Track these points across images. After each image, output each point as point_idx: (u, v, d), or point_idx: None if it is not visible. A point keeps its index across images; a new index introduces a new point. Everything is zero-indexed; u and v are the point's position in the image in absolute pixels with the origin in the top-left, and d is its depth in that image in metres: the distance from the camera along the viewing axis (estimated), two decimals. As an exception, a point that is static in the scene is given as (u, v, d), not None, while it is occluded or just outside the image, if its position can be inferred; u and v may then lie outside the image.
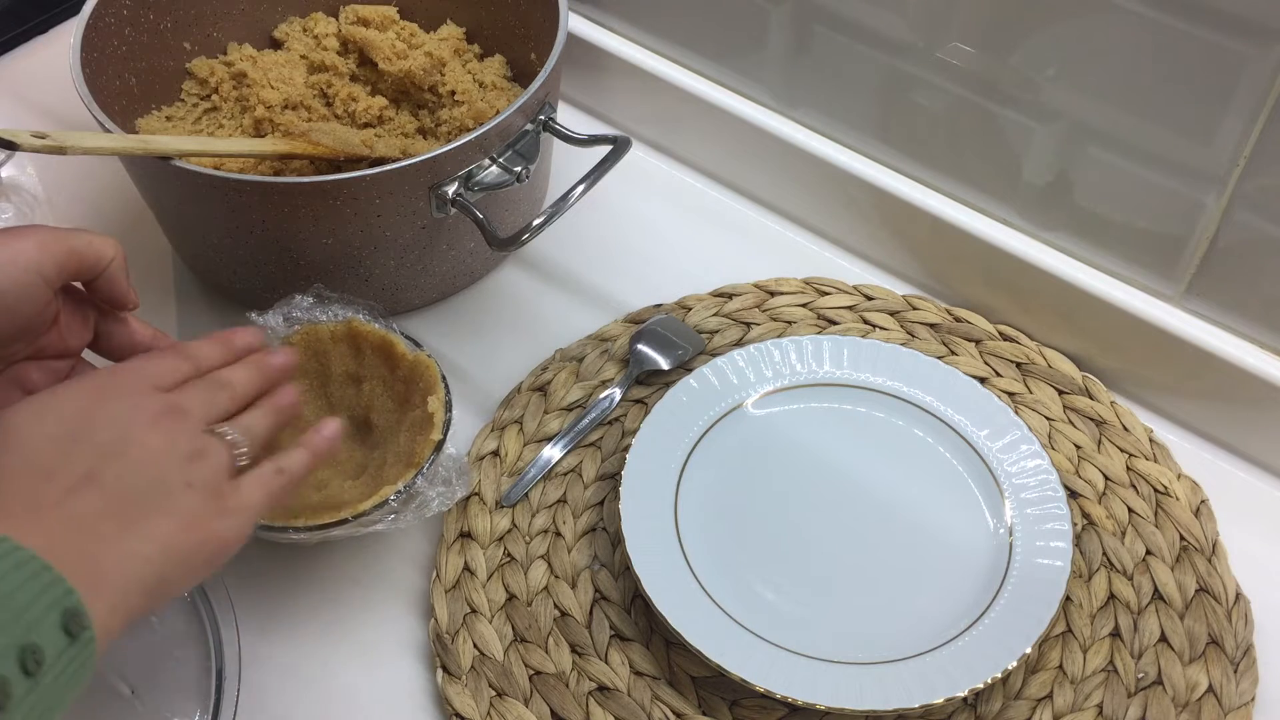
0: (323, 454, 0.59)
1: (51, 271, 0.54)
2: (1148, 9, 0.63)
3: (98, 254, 0.56)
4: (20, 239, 0.54)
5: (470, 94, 0.83)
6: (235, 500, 0.52)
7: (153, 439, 0.50)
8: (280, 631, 0.66)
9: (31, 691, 0.41)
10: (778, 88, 0.84)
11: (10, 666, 0.40)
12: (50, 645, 0.42)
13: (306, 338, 0.70)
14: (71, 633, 0.42)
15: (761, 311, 0.80)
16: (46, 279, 0.54)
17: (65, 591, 0.43)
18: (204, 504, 0.50)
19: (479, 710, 0.63)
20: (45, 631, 0.42)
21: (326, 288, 0.71)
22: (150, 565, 0.47)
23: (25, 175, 0.90)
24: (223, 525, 0.51)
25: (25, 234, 0.54)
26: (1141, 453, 0.72)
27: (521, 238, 0.70)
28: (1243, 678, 0.63)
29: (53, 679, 0.42)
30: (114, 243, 0.57)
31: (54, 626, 0.42)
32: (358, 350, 0.70)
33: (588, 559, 0.69)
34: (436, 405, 0.66)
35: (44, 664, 0.41)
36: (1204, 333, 0.71)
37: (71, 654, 0.42)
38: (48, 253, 0.54)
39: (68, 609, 0.43)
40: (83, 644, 0.43)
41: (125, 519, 0.47)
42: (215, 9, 0.87)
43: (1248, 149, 0.64)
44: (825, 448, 0.72)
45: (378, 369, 0.70)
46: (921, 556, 0.67)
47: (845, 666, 0.62)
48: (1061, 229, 0.75)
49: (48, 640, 0.42)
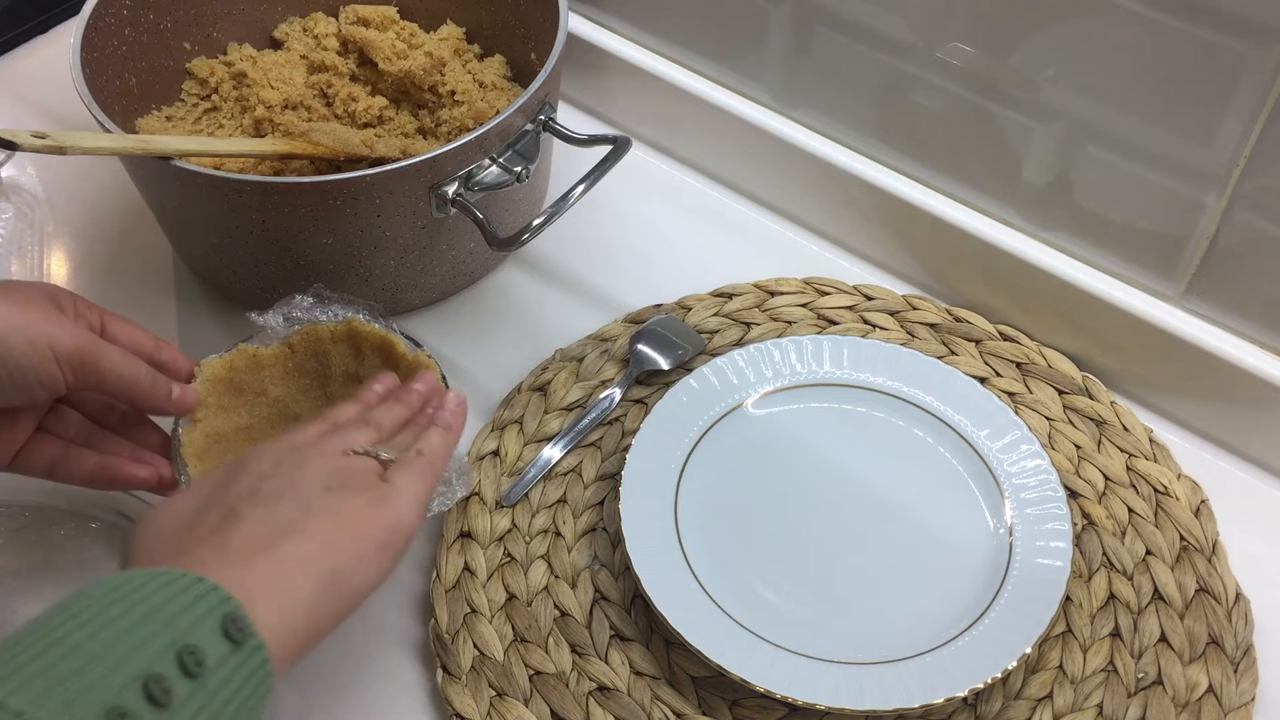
0: (454, 427, 0.59)
1: (70, 376, 0.55)
2: (1148, 9, 0.63)
3: (123, 389, 0.57)
4: (61, 331, 0.54)
5: (470, 94, 0.83)
6: (384, 489, 0.52)
7: (283, 470, 0.51)
8: (280, 631, 0.66)
9: (196, 693, 0.40)
10: (778, 88, 0.84)
11: (168, 665, 0.40)
12: (211, 649, 0.41)
13: (306, 338, 0.70)
14: (233, 638, 0.42)
15: (761, 311, 0.80)
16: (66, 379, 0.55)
17: (221, 599, 0.42)
18: (354, 496, 0.50)
19: (479, 710, 0.63)
20: (203, 635, 0.41)
21: (327, 287, 0.71)
22: (313, 560, 0.47)
23: (25, 175, 0.90)
24: (381, 511, 0.51)
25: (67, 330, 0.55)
26: (1141, 453, 0.72)
27: (521, 238, 0.70)
28: (1243, 678, 0.63)
29: (219, 684, 0.41)
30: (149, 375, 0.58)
31: (213, 630, 0.41)
32: (358, 350, 0.70)
33: (588, 559, 0.69)
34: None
35: (206, 666, 0.41)
36: (1204, 333, 0.71)
37: (238, 661, 0.42)
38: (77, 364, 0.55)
39: (226, 614, 0.42)
40: (249, 651, 0.42)
41: (273, 534, 0.47)
42: (215, 9, 0.87)
43: (1248, 149, 0.64)
44: (825, 448, 0.72)
45: (378, 369, 0.70)
46: (921, 556, 0.67)
47: (845, 666, 0.62)
48: (1061, 229, 0.75)
49: (207, 642, 0.41)
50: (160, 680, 0.39)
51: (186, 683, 0.40)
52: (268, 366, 0.69)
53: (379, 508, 0.51)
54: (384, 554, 0.50)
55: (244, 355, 0.68)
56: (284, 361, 0.69)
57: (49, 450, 0.58)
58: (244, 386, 0.69)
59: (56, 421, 0.59)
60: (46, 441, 0.58)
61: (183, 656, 0.40)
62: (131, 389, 0.58)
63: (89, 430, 0.62)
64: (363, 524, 0.50)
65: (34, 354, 0.53)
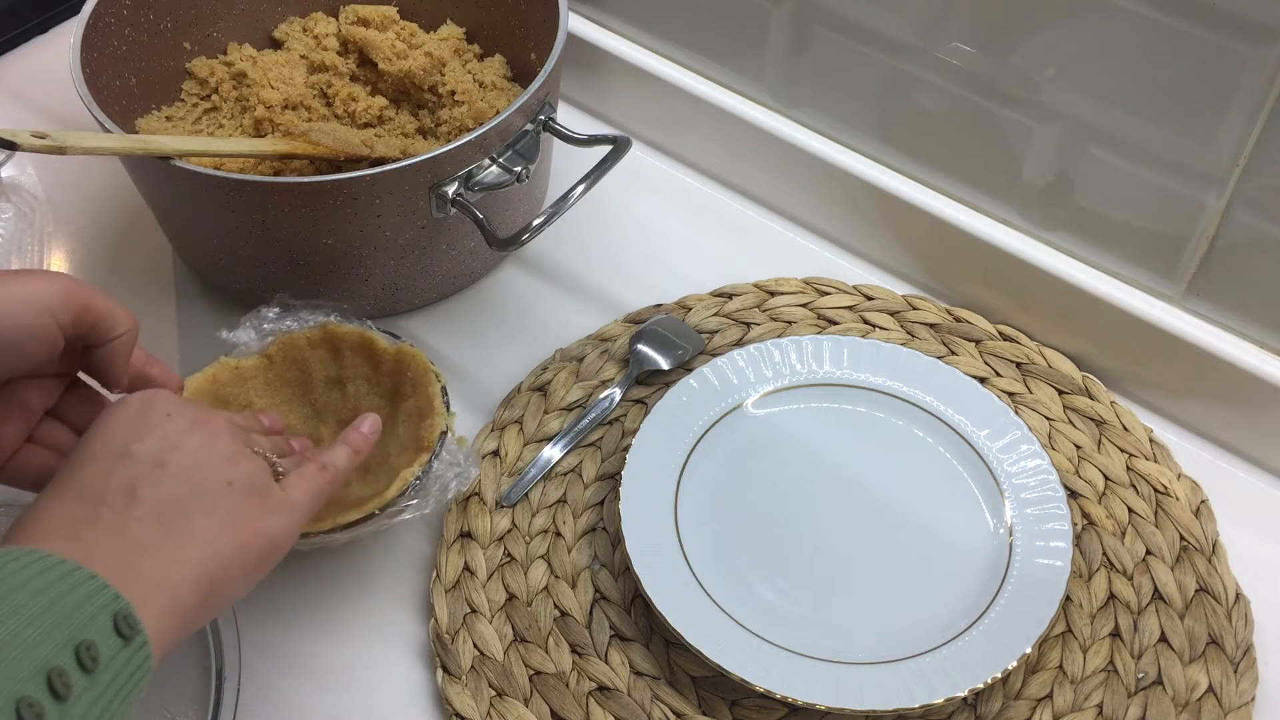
0: (363, 449, 0.60)
1: (67, 320, 0.53)
2: (1148, 9, 0.63)
3: (114, 321, 0.55)
4: (47, 282, 0.53)
5: (470, 94, 0.83)
6: (280, 498, 0.53)
7: (192, 442, 0.51)
8: (280, 631, 0.66)
9: (89, 688, 0.41)
10: (778, 88, 0.84)
11: (67, 658, 0.40)
12: (105, 644, 0.42)
13: (284, 347, 0.70)
14: (124, 634, 0.42)
15: (761, 311, 0.80)
16: (62, 326, 0.53)
17: (113, 596, 0.43)
18: (246, 502, 0.51)
19: (479, 710, 0.63)
20: (97, 630, 0.42)
21: (291, 295, 0.71)
22: (198, 567, 0.48)
23: (25, 175, 0.90)
24: (270, 522, 0.51)
25: (50, 279, 0.53)
26: (1141, 453, 0.72)
27: (521, 238, 0.70)
28: (1243, 678, 0.63)
29: (110, 679, 0.42)
30: (132, 318, 0.57)
31: (106, 627, 0.42)
32: (337, 352, 0.70)
33: (588, 559, 0.69)
34: (435, 390, 0.66)
35: (100, 662, 0.41)
36: (1204, 333, 0.71)
37: (126, 656, 0.42)
38: (68, 302, 0.53)
39: (118, 611, 0.43)
40: (136, 647, 0.43)
41: (166, 525, 0.48)
42: (215, 9, 0.87)
43: (1248, 149, 0.64)
44: (825, 448, 0.72)
45: (360, 368, 0.70)
46: (921, 556, 0.67)
47: (845, 666, 0.62)
48: (1062, 229, 0.75)
49: (101, 639, 0.42)
50: (61, 674, 0.40)
51: (83, 676, 0.41)
52: (250, 379, 0.69)
53: (269, 518, 0.51)
54: (261, 567, 0.51)
55: (226, 368, 0.69)
56: (264, 373, 0.70)
57: (39, 460, 0.57)
58: (229, 399, 0.69)
59: (48, 433, 0.59)
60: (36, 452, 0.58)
61: (80, 651, 0.41)
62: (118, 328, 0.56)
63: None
64: (250, 533, 0.50)
65: (21, 309, 0.52)
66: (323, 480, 0.56)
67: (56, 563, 0.43)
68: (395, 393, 0.69)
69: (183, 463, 0.50)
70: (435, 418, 0.65)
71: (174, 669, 0.62)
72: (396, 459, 0.66)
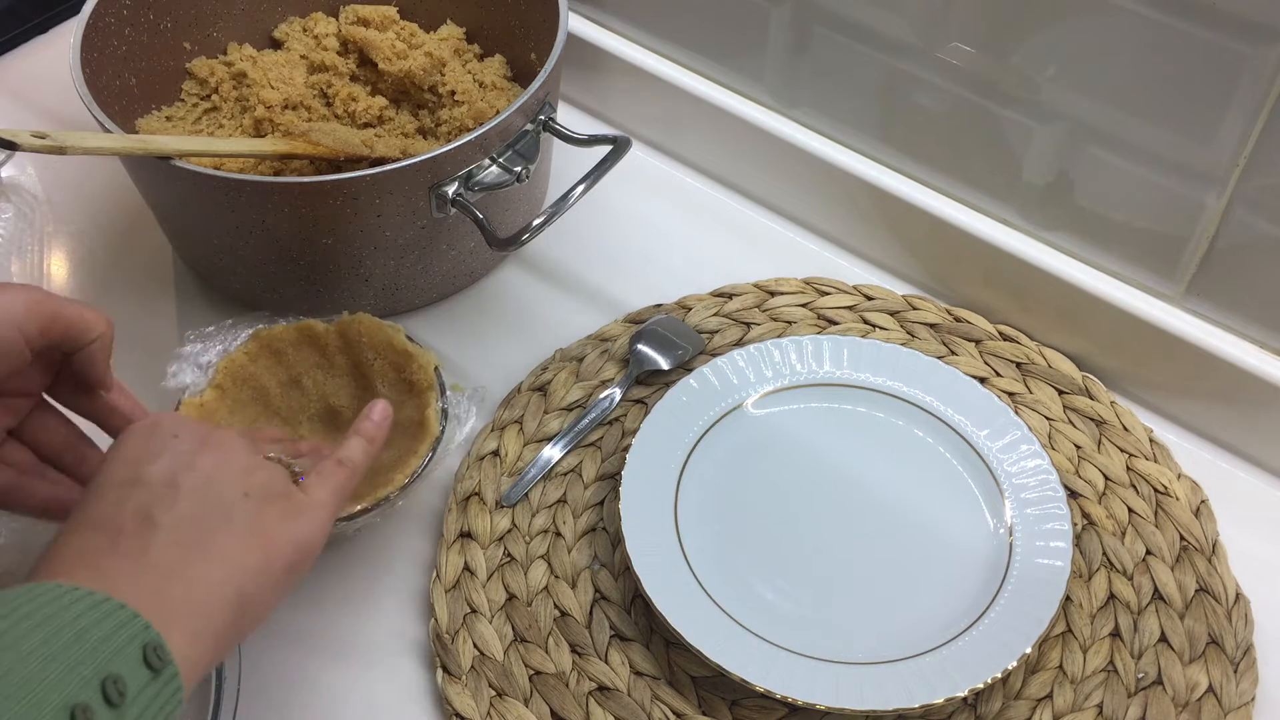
0: (377, 438, 0.59)
1: (34, 332, 0.52)
2: (1148, 9, 0.63)
3: (86, 326, 0.54)
4: (11, 294, 0.52)
5: (470, 94, 0.83)
6: (301, 501, 0.51)
7: (203, 460, 0.50)
8: (280, 631, 0.66)
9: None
10: (778, 88, 0.84)
11: (93, 695, 0.39)
12: (133, 678, 0.41)
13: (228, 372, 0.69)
14: (153, 666, 0.42)
15: (761, 311, 0.80)
16: (28, 338, 0.52)
17: (143, 627, 0.42)
18: (266, 510, 0.50)
19: (479, 710, 0.63)
20: (126, 663, 0.41)
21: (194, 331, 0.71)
22: (225, 585, 0.47)
23: (25, 175, 0.90)
24: (294, 528, 0.50)
25: (15, 291, 0.53)
26: (1141, 453, 0.72)
27: (521, 238, 0.70)
28: (1243, 678, 0.63)
29: (138, 713, 0.41)
30: (105, 319, 0.56)
31: (135, 659, 0.41)
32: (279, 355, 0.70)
33: (588, 559, 0.68)
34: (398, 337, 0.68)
35: (128, 696, 0.40)
36: (1204, 333, 0.71)
37: (155, 689, 0.42)
38: (34, 314, 0.52)
39: (147, 642, 0.42)
40: (166, 679, 0.42)
41: (187, 546, 0.47)
42: (215, 9, 0.87)
43: (1248, 149, 0.64)
44: (825, 448, 0.72)
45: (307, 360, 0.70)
46: (921, 556, 0.67)
47: (845, 666, 0.62)
48: (1062, 229, 0.75)
49: (129, 672, 0.41)
50: (86, 711, 0.39)
51: (109, 713, 0.40)
52: (215, 412, 0.69)
53: (293, 523, 0.50)
54: (291, 575, 0.50)
55: (192, 408, 0.68)
56: (224, 402, 0.69)
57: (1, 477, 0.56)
58: None
59: (10, 453, 0.58)
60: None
61: (106, 686, 0.40)
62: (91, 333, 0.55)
63: (42, 468, 0.59)
64: (275, 542, 0.49)
65: None
66: (342, 476, 0.55)
67: (84, 595, 0.42)
68: (356, 366, 0.69)
69: (196, 481, 0.49)
70: (416, 362, 0.66)
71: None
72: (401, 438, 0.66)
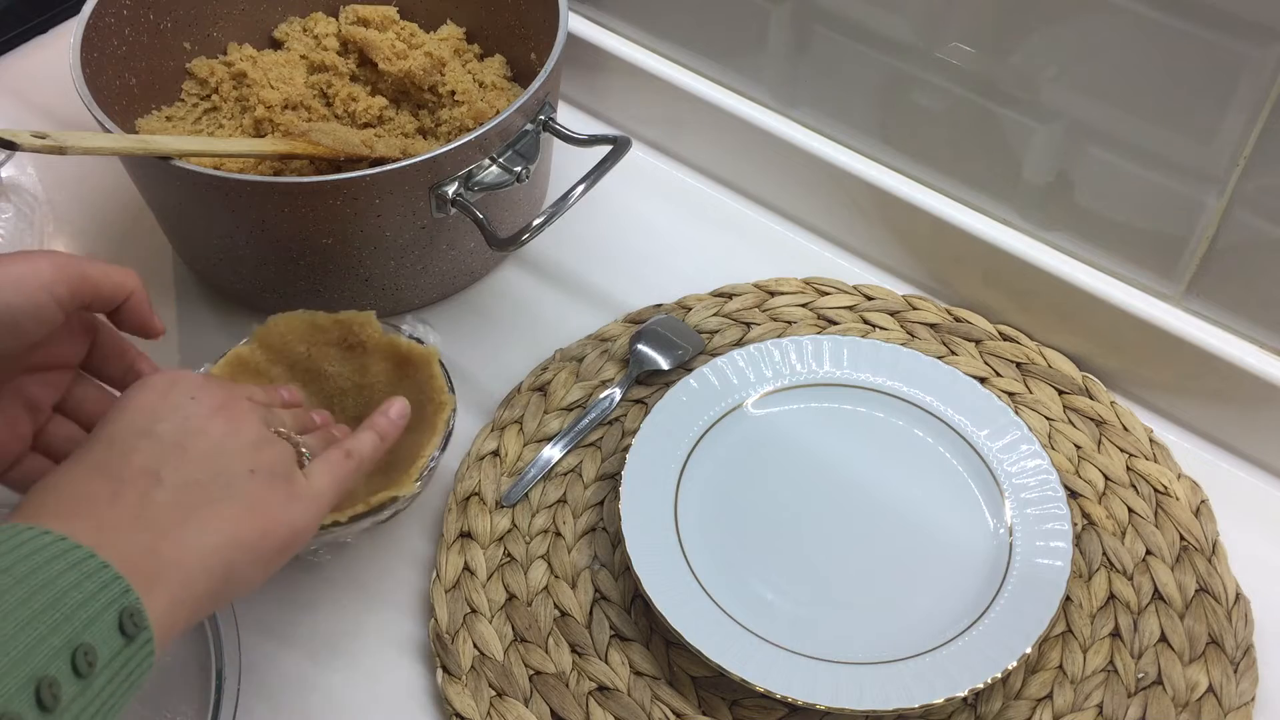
0: (390, 436, 0.59)
1: (64, 294, 0.53)
2: (1148, 9, 0.63)
3: (115, 285, 0.55)
4: (36, 259, 0.53)
5: (470, 94, 0.83)
6: (303, 486, 0.52)
7: (215, 427, 0.50)
8: (280, 631, 0.66)
9: (82, 694, 0.40)
10: (778, 88, 0.84)
11: (61, 666, 0.40)
12: (105, 645, 0.41)
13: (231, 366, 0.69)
14: (127, 633, 0.42)
15: (761, 311, 0.80)
16: (59, 301, 0.53)
17: (123, 590, 0.42)
18: (269, 490, 0.50)
19: (479, 710, 0.63)
20: (99, 631, 0.41)
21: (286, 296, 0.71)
22: (216, 554, 0.47)
23: (25, 175, 0.90)
24: (291, 511, 0.51)
25: (42, 255, 0.53)
26: (1141, 453, 0.72)
27: (521, 238, 0.70)
28: (1243, 678, 0.63)
29: (106, 680, 0.41)
30: (133, 275, 0.56)
31: (110, 626, 0.41)
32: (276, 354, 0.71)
33: (588, 559, 0.68)
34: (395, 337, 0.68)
35: (97, 665, 0.40)
36: (1204, 333, 0.71)
37: (128, 655, 0.42)
38: (63, 275, 0.53)
39: (125, 608, 0.42)
40: (139, 644, 0.42)
41: (187, 509, 0.47)
42: (215, 9, 0.87)
43: (1248, 149, 0.64)
44: (825, 448, 0.72)
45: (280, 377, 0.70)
46: (921, 556, 0.67)
47: (845, 666, 0.62)
48: (1061, 229, 0.75)
49: (102, 640, 0.41)
50: (52, 684, 0.39)
51: (75, 683, 0.40)
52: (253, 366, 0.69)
53: (291, 506, 0.51)
54: (280, 556, 0.50)
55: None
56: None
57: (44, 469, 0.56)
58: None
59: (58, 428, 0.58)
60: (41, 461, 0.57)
61: (76, 656, 0.40)
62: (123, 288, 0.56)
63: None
64: (272, 522, 0.50)
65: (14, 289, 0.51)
66: (348, 468, 0.55)
67: (69, 548, 0.42)
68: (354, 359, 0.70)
69: (206, 448, 0.49)
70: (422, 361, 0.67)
71: (174, 669, 0.62)
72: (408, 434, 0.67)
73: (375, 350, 0.70)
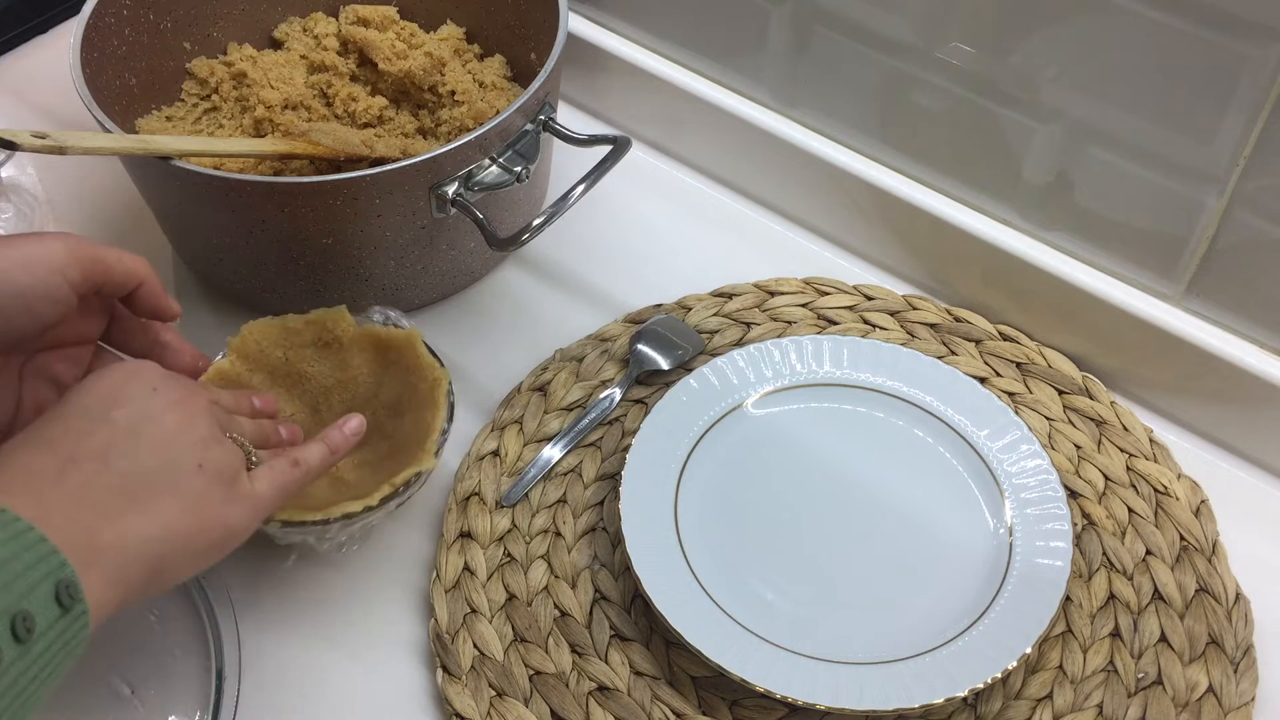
0: (341, 450, 0.60)
1: (77, 277, 0.54)
2: (1148, 9, 0.63)
3: (127, 272, 0.57)
4: (50, 241, 0.54)
5: (470, 94, 0.83)
6: (246, 489, 0.53)
7: (170, 419, 0.51)
8: (280, 631, 0.66)
9: (21, 658, 0.41)
10: (778, 88, 0.84)
11: (2, 630, 0.40)
12: (42, 614, 0.42)
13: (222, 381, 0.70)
14: (64, 604, 0.43)
15: (761, 311, 0.80)
16: (71, 283, 0.54)
17: (59, 564, 0.43)
18: (212, 488, 0.51)
19: (479, 710, 0.63)
20: (37, 600, 0.42)
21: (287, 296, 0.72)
22: (151, 544, 0.48)
23: (25, 175, 0.90)
24: (229, 512, 0.51)
25: (55, 237, 0.54)
26: (1141, 453, 0.72)
27: (521, 238, 0.70)
28: (1243, 678, 0.63)
29: (44, 648, 0.42)
30: (144, 263, 0.58)
31: (46, 596, 0.42)
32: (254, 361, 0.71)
33: (588, 559, 0.68)
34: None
35: (35, 632, 0.41)
36: (1204, 333, 0.71)
37: (63, 625, 0.43)
38: (75, 257, 0.54)
39: (61, 580, 0.43)
40: (74, 616, 0.43)
41: (131, 496, 0.48)
42: (215, 9, 0.87)
43: (1248, 149, 0.64)
44: (825, 448, 0.72)
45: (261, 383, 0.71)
46: (921, 556, 0.67)
47: (845, 666, 0.62)
48: (1061, 229, 0.75)
49: (40, 609, 0.42)
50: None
51: (14, 647, 0.41)
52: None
53: (230, 507, 0.52)
54: (213, 552, 0.51)
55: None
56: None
57: None
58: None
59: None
60: None
61: (15, 622, 0.41)
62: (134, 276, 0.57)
63: None
64: (209, 520, 0.50)
65: (26, 270, 0.52)
66: (292, 476, 0.56)
67: (9, 520, 0.43)
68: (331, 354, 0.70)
69: (158, 437, 0.50)
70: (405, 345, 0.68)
71: (174, 669, 0.62)
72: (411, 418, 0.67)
73: (352, 344, 0.70)
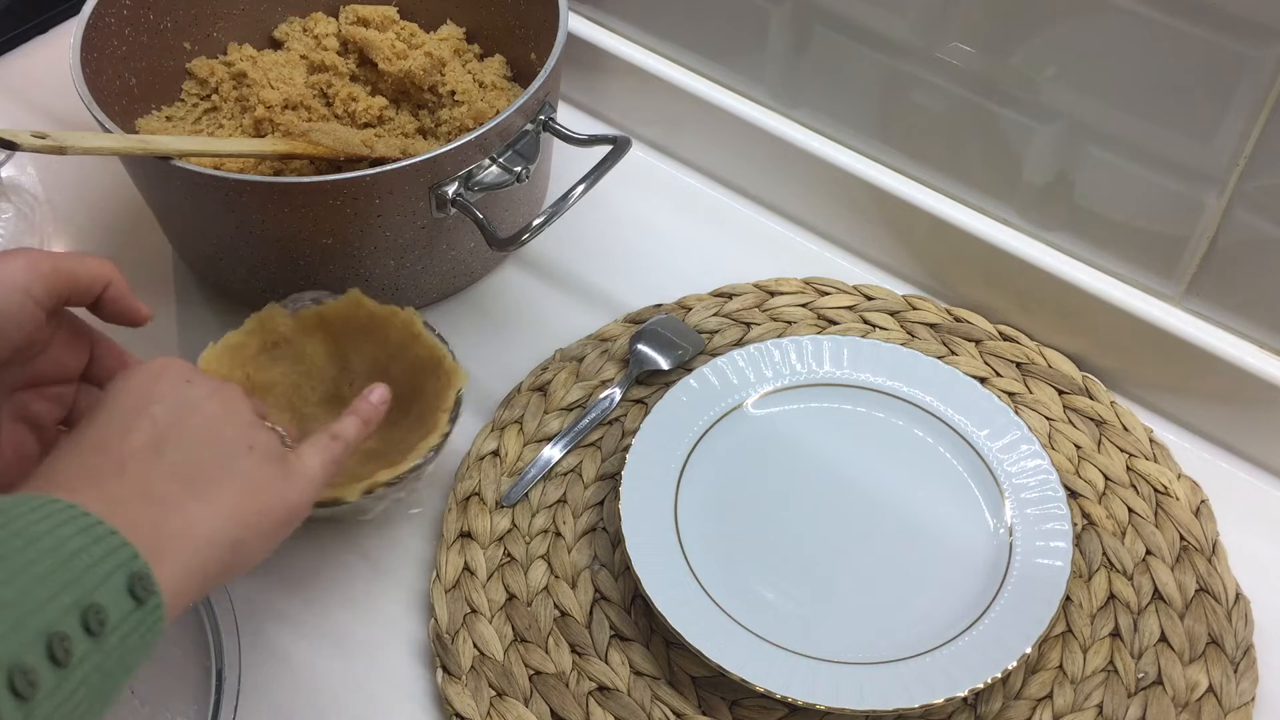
0: (373, 420, 0.60)
1: (41, 292, 0.53)
2: (1148, 9, 0.63)
3: (92, 275, 0.55)
4: (7, 261, 0.53)
5: (470, 94, 0.83)
6: (297, 465, 0.53)
7: (211, 408, 0.51)
8: (280, 631, 0.66)
9: (93, 652, 0.40)
10: (778, 88, 0.84)
11: (72, 624, 0.40)
12: (115, 607, 0.41)
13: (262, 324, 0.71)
14: (138, 596, 0.42)
15: (761, 311, 0.80)
16: (36, 300, 0.53)
17: (131, 555, 0.43)
18: (266, 468, 0.51)
19: (479, 710, 0.63)
20: (109, 593, 0.41)
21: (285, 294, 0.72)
22: (219, 530, 0.48)
23: (25, 175, 0.90)
24: (287, 489, 0.52)
25: (12, 256, 0.53)
26: (1141, 453, 0.72)
27: (521, 238, 0.70)
28: (1243, 678, 0.63)
29: (117, 641, 0.41)
30: (108, 263, 0.56)
31: (119, 589, 0.42)
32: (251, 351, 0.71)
33: (588, 559, 0.68)
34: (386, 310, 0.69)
35: (108, 625, 0.41)
36: (1204, 333, 0.71)
37: (138, 618, 0.42)
38: (36, 273, 0.53)
39: (134, 572, 0.42)
40: (149, 609, 0.43)
41: (189, 484, 0.48)
42: (215, 9, 0.87)
43: (1248, 149, 0.64)
44: (825, 448, 0.72)
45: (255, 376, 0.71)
46: (921, 556, 0.67)
47: (845, 666, 0.62)
48: (1061, 229, 0.75)
49: (112, 602, 0.41)
50: (64, 639, 0.39)
51: (86, 640, 0.40)
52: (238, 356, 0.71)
53: (286, 483, 0.52)
54: (280, 531, 0.51)
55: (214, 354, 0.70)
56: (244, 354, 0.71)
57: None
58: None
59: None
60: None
61: (88, 615, 0.40)
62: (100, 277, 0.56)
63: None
64: (270, 499, 0.51)
65: None
66: (335, 449, 0.56)
67: (78, 514, 0.42)
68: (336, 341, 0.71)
69: (204, 426, 0.50)
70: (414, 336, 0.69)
71: (174, 669, 0.62)
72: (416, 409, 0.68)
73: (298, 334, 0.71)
